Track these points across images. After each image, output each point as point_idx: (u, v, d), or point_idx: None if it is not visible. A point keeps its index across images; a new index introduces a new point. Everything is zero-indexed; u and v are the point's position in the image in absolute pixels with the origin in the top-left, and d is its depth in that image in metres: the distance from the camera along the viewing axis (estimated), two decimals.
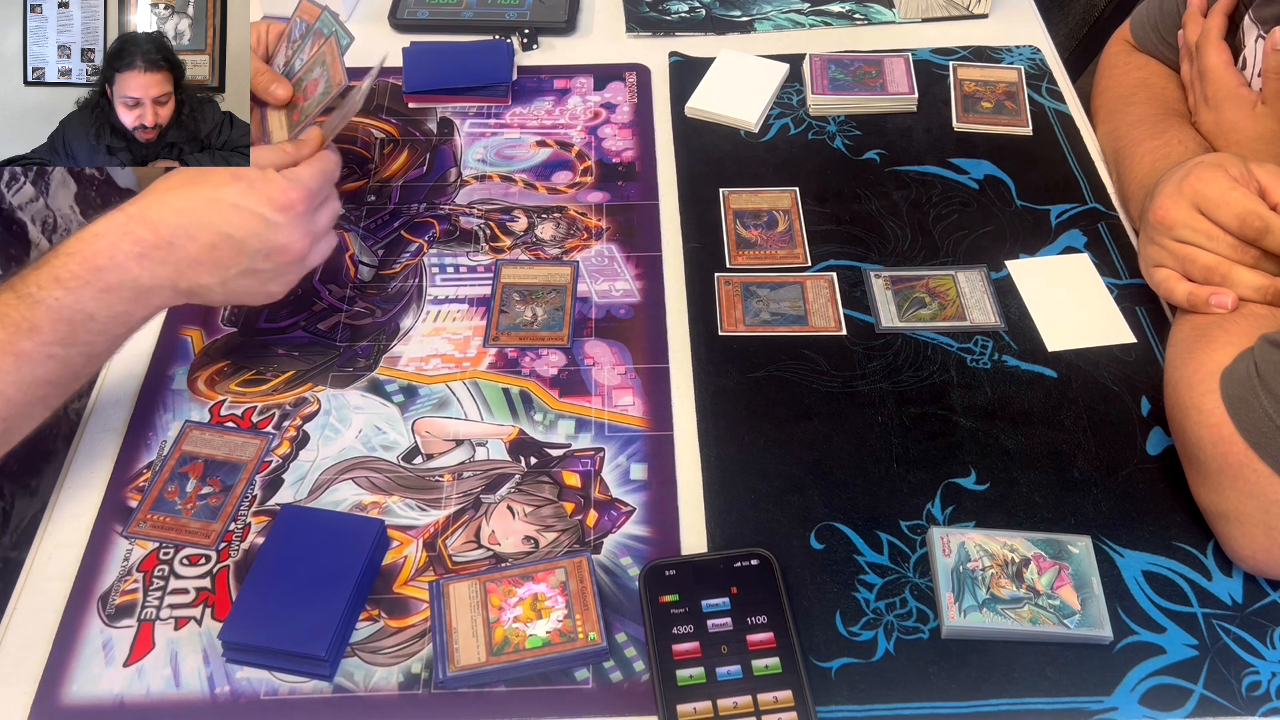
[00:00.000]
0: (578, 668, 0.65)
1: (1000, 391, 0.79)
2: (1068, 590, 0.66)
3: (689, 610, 0.66)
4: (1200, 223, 0.72)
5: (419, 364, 0.82)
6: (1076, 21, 1.62)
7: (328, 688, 0.64)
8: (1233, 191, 0.71)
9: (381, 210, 0.94)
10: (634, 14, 1.16)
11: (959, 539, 0.68)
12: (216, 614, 0.68)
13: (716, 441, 0.76)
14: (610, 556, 0.70)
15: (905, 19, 1.15)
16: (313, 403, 0.79)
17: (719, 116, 1.02)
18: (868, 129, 1.01)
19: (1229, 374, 0.67)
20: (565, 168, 0.99)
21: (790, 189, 0.95)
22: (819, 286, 0.87)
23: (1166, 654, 0.65)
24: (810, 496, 0.73)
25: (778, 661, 0.63)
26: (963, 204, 0.94)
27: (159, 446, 0.77)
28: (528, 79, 1.08)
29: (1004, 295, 0.86)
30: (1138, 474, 0.74)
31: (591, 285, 0.88)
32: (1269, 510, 0.64)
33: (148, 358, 0.83)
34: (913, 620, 0.67)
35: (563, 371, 0.81)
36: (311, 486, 0.74)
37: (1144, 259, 0.79)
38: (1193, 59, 0.90)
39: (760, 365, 0.81)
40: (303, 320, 0.85)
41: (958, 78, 1.05)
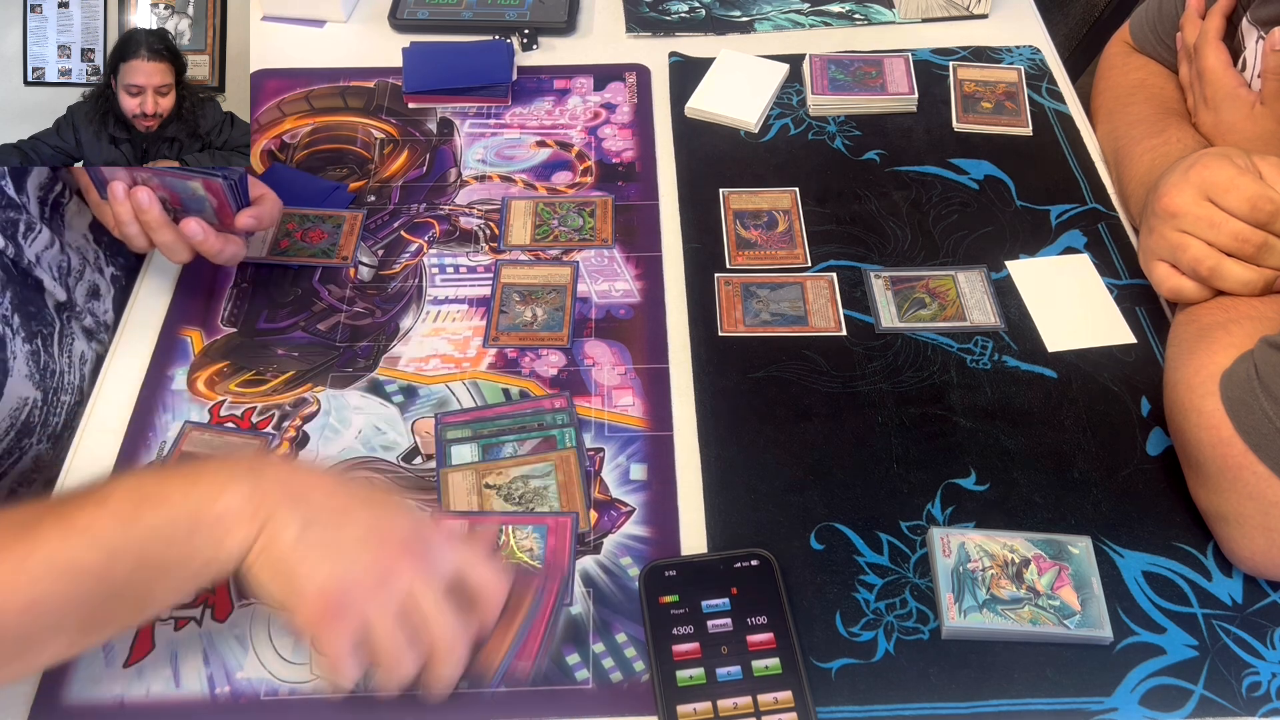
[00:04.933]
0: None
1: (1000, 392, 0.79)
2: (1068, 591, 0.66)
3: (689, 611, 0.66)
4: (1206, 210, 0.72)
5: (419, 364, 0.82)
6: (1076, 21, 1.62)
7: (327, 688, 0.64)
8: (1241, 177, 0.71)
9: (381, 210, 0.94)
10: (634, 14, 1.16)
11: (959, 539, 0.68)
12: (216, 614, 0.68)
13: (716, 441, 0.76)
14: (610, 556, 0.70)
15: (905, 19, 1.15)
16: (312, 403, 0.79)
17: (719, 117, 1.02)
18: (868, 129, 1.01)
19: (1229, 376, 0.67)
20: (565, 168, 0.99)
21: (790, 189, 0.95)
22: (819, 287, 0.87)
23: (1167, 654, 0.65)
24: (810, 497, 0.73)
25: (778, 662, 0.63)
26: (963, 204, 0.94)
27: (159, 447, 0.77)
28: (528, 79, 1.08)
29: (1004, 295, 0.86)
30: (1138, 474, 0.74)
31: (591, 285, 0.88)
32: (1269, 512, 0.64)
33: (148, 358, 0.83)
34: (913, 621, 0.67)
35: (563, 372, 0.81)
36: None
37: (1144, 251, 0.78)
38: (1191, 60, 0.90)
39: (760, 366, 0.81)
40: (302, 320, 0.85)
41: (958, 78, 1.05)
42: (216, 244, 0.78)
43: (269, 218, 0.81)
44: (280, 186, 0.95)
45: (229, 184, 0.75)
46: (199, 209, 0.77)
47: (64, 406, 0.79)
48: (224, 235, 0.79)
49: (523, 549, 0.70)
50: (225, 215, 0.78)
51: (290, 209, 0.93)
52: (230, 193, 0.76)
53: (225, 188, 0.75)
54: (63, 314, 0.81)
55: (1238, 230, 0.71)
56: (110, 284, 0.88)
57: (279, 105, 1.05)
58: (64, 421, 0.79)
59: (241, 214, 0.79)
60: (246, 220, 0.79)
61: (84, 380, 0.82)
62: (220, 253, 0.79)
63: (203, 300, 0.87)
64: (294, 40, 1.14)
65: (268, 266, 0.89)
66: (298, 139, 1.02)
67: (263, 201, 0.81)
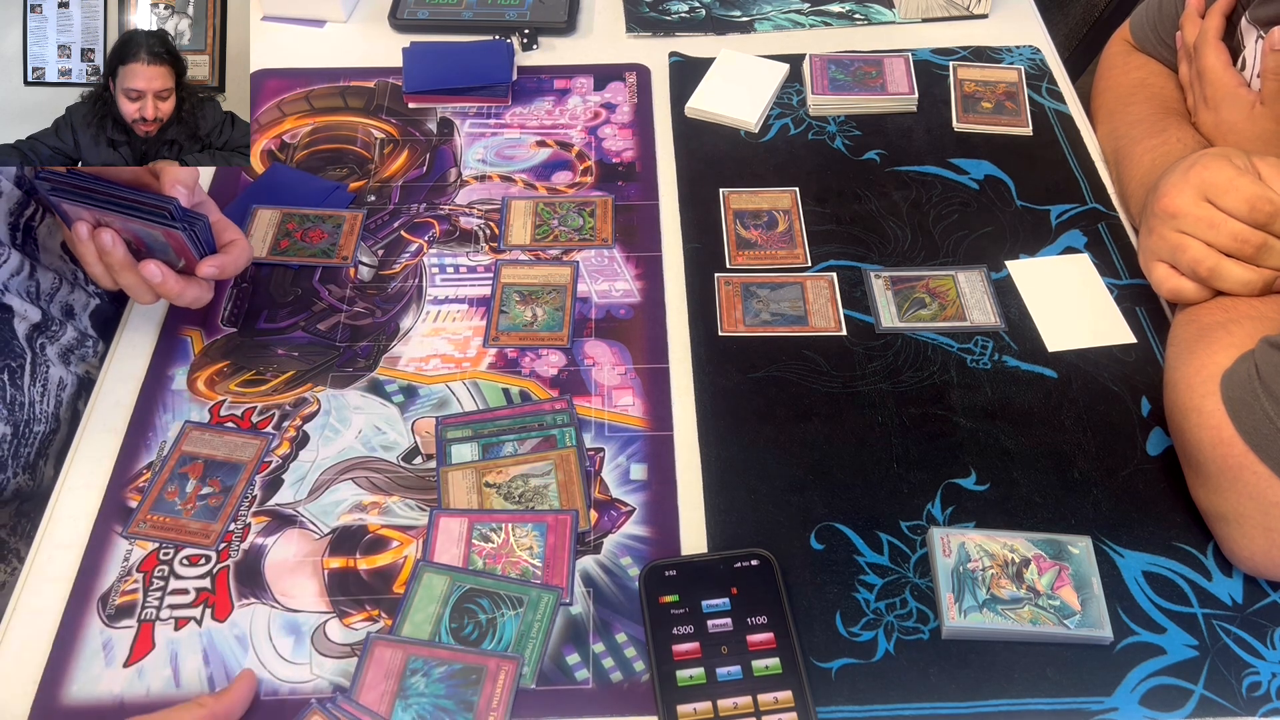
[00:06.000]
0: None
1: (1000, 392, 0.79)
2: (1068, 591, 0.66)
3: (689, 610, 0.66)
4: (1206, 211, 0.72)
5: (419, 364, 0.82)
6: (1076, 21, 1.62)
7: (327, 688, 0.64)
8: (1241, 178, 0.71)
9: (381, 210, 0.94)
10: (634, 14, 1.16)
11: (959, 539, 0.68)
12: (216, 614, 0.68)
13: (716, 441, 0.76)
14: (610, 556, 0.70)
15: (905, 19, 1.15)
16: (312, 403, 0.79)
17: (719, 116, 1.02)
18: (868, 129, 1.01)
19: (1229, 376, 0.67)
20: (565, 168, 0.99)
21: (790, 189, 0.95)
22: (819, 287, 0.87)
23: (1167, 654, 0.65)
24: (810, 497, 0.73)
25: (778, 662, 0.63)
26: (963, 204, 0.94)
27: (159, 447, 0.77)
28: (528, 79, 1.08)
29: (1004, 295, 0.86)
30: (1138, 474, 0.74)
31: (591, 285, 0.88)
32: (1269, 512, 0.64)
33: (148, 358, 0.83)
34: (913, 621, 0.67)
35: (563, 372, 0.81)
36: (311, 487, 0.74)
37: (1144, 251, 0.78)
38: (1191, 60, 0.90)
39: (760, 365, 0.81)
40: (302, 320, 0.85)
41: (958, 78, 1.05)
42: (176, 287, 0.76)
43: (233, 267, 0.79)
44: (280, 186, 0.95)
45: (189, 233, 0.74)
46: (162, 252, 0.76)
47: (37, 437, 0.79)
48: (185, 279, 0.77)
49: (522, 547, 0.70)
50: (188, 259, 0.77)
51: (290, 209, 0.93)
52: (191, 241, 0.75)
53: (185, 237, 0.74)
54: (35, 341, 0.80)
55: (1237, 231, 0.71)
56: (92, 296, 0.87)
57: (279, 105, 1.05)
58: (37, 450, 0.79)
59: (204, 262, 0.77)
60: (208, 269, 0.77)
61: (60, 406, 0.81)
62: (180, 295, 0.77)
63: None
64: (294, 40, 1.14)
65: (268, 266, 0.89)
66: (298, 139, 1.02)
67: (230, 250, 0.79)
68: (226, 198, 0.95)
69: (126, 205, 0.73)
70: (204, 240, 0.77)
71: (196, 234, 0.75)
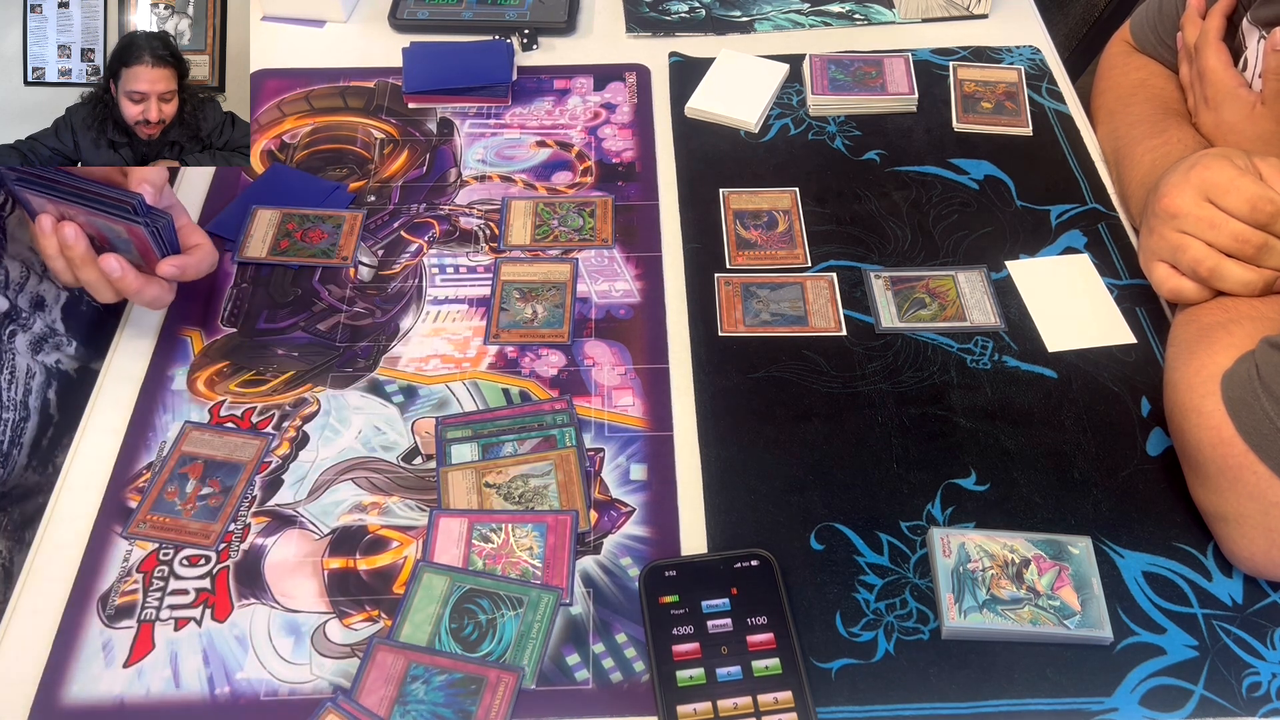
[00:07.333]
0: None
1: (1000, 392, 0.79)
2: (1068, 591, 0.66)
3: (689, 611, 0.66)
4: (1207, 211, 0.72)
5: (419, 364, 0.82)
6: (1076, 21, 1.62)
7: (327, 688, 0.64)
8: (1242, 178, 0.71)
9: (381, 210, 0.94)
10: (634, 14, 1.16)
11: (959, 540, 0.68)
12: (216, 615, 0.68)
13: (716, 442, 0.76)
14: (610, 557, 0.70)
15: (905, 19, 1.15)
16: (312, 403, 0.79)
17: (719, 117, 1.02)
18: (868, 129, 1.01)
19: (1230, 376, 0.67)
20: (565, 168, 0.99)
21: (790, 189, 0.95)
22: (819, 287, 0.87)
23: (1167, 655, 0.65)
24: (810, 497, 0.73)
25: (778, 662, 0.63)
26: (963, 204, 0.94)
27: (159, 447, 0.77)
28: (528, 79, 1.08)
29: (1004, 296, 0.86)
30: (1138, 475, 0.74)
31: (591, 285, 0.88)
32: (1269, 513, 0.64)
33: (147, 358, 0.83)
34: (913, 621, 0.67)
35: (563, 372, 0.81)
36: (311, 487, 0.74)
37: (1144, 252, 0.78)
38: (1192, 60, 0.90)
39: (760, 366, 0.81)
40: (302, 320, 0.85)
41: (958, 78, 1.05)
42: (135, 283, 0.75)
43: (194, 269, 0.78)
44: (280, 186, 0.95)
45: (151, 230, 0.73)
46: (125, 249, 0.75)
47: (7, 424, 0.78)
48: (145, 276, 0.76)
49: (522, 547, 0.70)
50: (149, 258, 0.76)
51: (290, 209, 0.93)
52: (153, 239, 0.74)
53: (147, 234, 0.73)
54: (4, 329, 0.79)
55: (1237, 231, 0.71)
56: (62, 290, 0.87)
57: (279, 105, 1.05)
58: (10, 439, 0.79)
59: (165, 261, 0.76)
60: (168, 269, 0.76)
61: (29, 395, 0.80)
62: (140, 293, 0.76)
63: (203, 300, 0.87)
64: (294, 40, 1.14)
65: (268, 267, 0.89)
66: (298, 139, 1.02)
67: (194, 252, 0.78)
68: (226, 198, 0.95)
69: (91, 198, 0.72)
70: (167, 239, 0.75)
71: (159, 231, 0.74)
